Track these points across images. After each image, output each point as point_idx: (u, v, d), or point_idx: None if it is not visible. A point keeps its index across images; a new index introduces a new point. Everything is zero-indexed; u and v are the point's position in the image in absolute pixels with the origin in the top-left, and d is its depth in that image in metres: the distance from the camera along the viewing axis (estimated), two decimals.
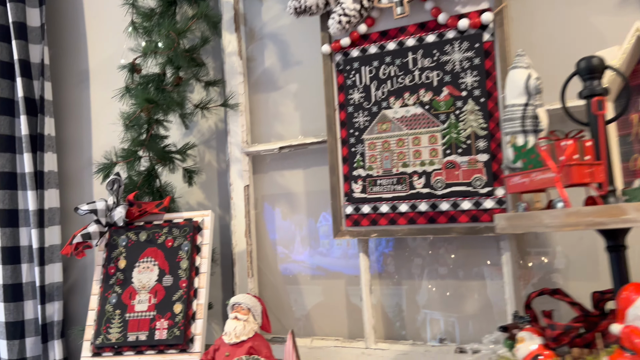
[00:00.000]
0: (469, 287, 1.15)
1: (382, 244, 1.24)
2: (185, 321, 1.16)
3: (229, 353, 1.03)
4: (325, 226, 1.32)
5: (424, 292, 1.20)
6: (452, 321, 1.16)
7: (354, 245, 1.28)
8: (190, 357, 1.14)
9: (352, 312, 1.28)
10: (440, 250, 1.18)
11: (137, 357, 1.15)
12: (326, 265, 1.32)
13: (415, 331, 1.20)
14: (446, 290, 1.17)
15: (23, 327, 1.60)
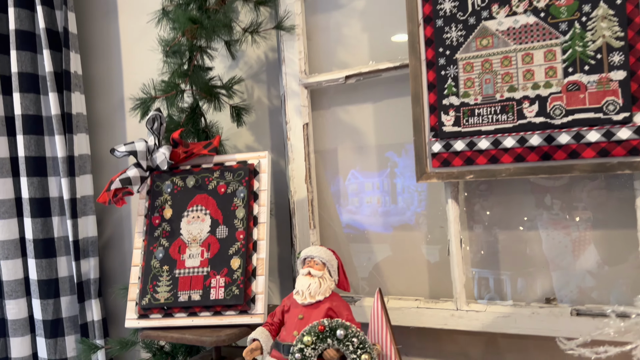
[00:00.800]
0: (588, 238, 0.96)
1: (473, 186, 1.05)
2: (245, 278, 0.99)
3: (302, 315, 0.86)
4: (401, 169, 1.13)
5: (526, 245, 1.01)
6: (563, 279, 0.97)
7: (434, 192, 1.09)
8: (251, 319, 0.98)
9: (432, 270, 1.10)
10: (550, 192, 0.99)
11: (190, 319, 1.00)
12: (398, 216, 1.14)
13: (514, 291, 1.02)
14: (554, 242, 0.98)
15: (57, 286, 1.47)
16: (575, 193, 0.97)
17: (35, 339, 1.51)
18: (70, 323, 1.47)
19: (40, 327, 1.46)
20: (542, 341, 0.99)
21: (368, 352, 0.76)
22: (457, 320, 0.99)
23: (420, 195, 1.12)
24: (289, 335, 0.86)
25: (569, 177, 0.96)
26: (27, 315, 1.51)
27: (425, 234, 1.10)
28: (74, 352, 1.47)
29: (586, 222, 0.96)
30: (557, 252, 0.98)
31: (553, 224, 0.98)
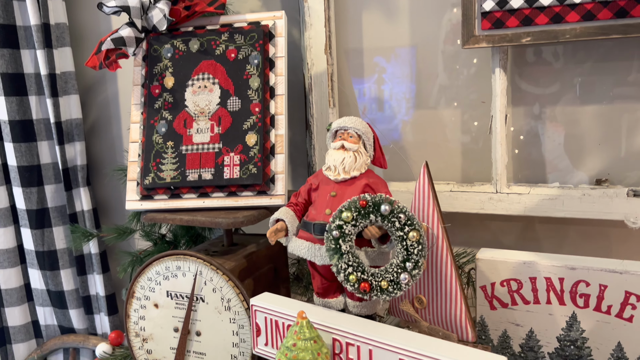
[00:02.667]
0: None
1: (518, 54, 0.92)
2: (263, 156, 0.87)
3: (335, 192, 0.75)
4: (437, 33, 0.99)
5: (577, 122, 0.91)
6: (617, 160, 0.88)
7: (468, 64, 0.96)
8: (271, 200, 0.87)
9: (466, 152, 1.00)
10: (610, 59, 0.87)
11: (201, 201, 0.89)
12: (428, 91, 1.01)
13: (561, 174, 0.93)
14: (611, 117, 0.88)
15: (40, 172, 1.33)
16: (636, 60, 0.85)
17: (19, 230, 1.40)
18: (58, 213, 1.36)
19: (24, 217, 1.35)
20: (584, 227, 0.92)
21: (417, 229, 0.67)
22: (496, 204, 0.91)
23: (458, 71, 0.99)
24: (320, 214, 0.76)
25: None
26: (9, 205, 1.39)
27: (461, 113, 0.99)
28: (63, 243, 1.37)
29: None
30: (613, 129, 0.88)
31: (610, 96, 0.87)
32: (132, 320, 0.92)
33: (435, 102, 1.01)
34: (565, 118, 0.91)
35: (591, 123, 0.89)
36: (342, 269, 0.69)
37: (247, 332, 0.83)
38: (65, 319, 1.42)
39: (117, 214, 1.41)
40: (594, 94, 0.88)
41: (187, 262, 0.86)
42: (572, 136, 0.91)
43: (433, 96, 1.01)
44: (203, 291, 0.86)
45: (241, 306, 0.83)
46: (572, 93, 0.90)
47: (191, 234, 1.12)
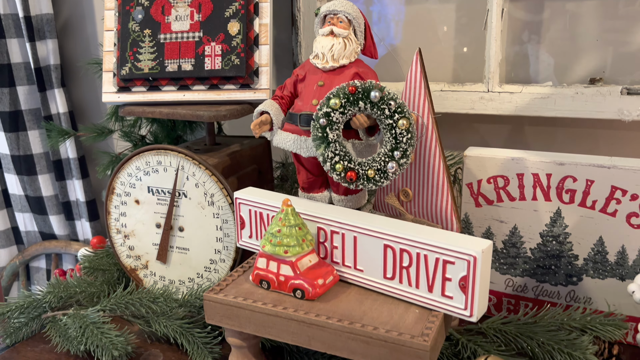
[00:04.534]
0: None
1: None
2: (246, 46, 0.83)
3: (323, 82, 0.72)
4: None
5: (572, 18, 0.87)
6: (612, 58, 0.86)
7: None
8: (255, 94, 0.84)
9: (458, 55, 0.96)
10: None
11: (181, 94, 0.85)
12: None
13: (554, 73, 0.90)
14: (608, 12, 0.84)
15: (11, 72, 1.27)
16: None
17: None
18: (32, 116, 1.31)
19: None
20: (573, 128, 0.91)
21: (406, 117, 0.64)
22: (487, 103, 0.89)
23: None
24: (307, 104, 0.73)
25: None
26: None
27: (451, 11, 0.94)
28: (39, 147, 1.33)
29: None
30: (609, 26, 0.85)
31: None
32: (112, 217, 0.91)
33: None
34: (559, 14, 0.87)
35: (587, 20, 0.86)
36: (329, 158, 0.67)
37: (230, 226, 0.82)
38: (46, 225, 1.40)
39: (95, 118, 1.36)
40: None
41: (168, 156, 0.84)
42: (568, 34, 0.88)
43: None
44: (185, 186, 0.84)
45: (225, 201, 0.82)
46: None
47: (172, 136, 1.09)
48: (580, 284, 0.77)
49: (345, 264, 0.67)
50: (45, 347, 0.80)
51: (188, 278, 0.87)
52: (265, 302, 0.63)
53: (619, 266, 0.74)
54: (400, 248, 0.61)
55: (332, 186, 0.78)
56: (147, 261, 0.90)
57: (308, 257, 0.66)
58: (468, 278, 0.56)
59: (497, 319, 0.69)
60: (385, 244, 0.62)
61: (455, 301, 0.58)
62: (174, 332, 0.75)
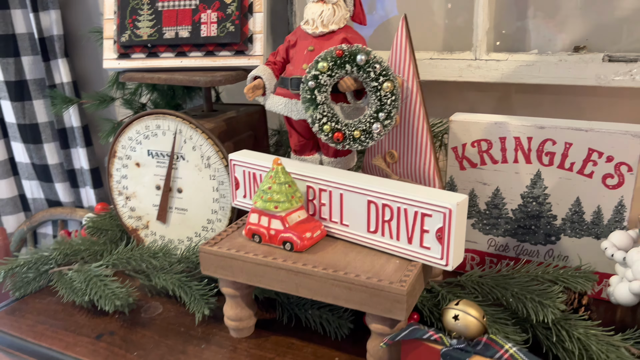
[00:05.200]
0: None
1: None
2: (241, 14, 0.86)
3: (313, 47, 0.75)
4: None
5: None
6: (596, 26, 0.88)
7: None
8: (249, 61, 0.87)
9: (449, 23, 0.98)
10: None
11: (179, 60, 0.88)
12: None
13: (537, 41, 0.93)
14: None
15: (16, 42, 1.30)
16: None
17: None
18: (37, 86, 1.34)
19: (2, 88, 1.33)
20: (558, 95, 0.94)
21: (391, 80, 0.68)
22: (474, 71, 0.92)
23: None
24: (297, 69, 0.76)
25: None
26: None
27: None
28: (45, 117, 1.37)
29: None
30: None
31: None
32: (114, 179, 0.95)
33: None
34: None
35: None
36: (317, 119, 0.70)
37: (226, 188, 0.86)
38: (52, 193, 1.45)
39: (97, 87, 1.39)
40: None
41: (166, 120, 0.87)
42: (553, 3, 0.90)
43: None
44: (183, 149, 0.88)
45: (220, 163, 0.86)
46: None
47: (172, 104, 1.13)
48: (559, 243, 0.81)
49: (333, 220, 0.71)
50: (52, 299, 0.85)
51: (187, 237, 0.92)
52: (256, 254, 0.68)
53: (595, 225, 0.77)
54: (382, 203, 0.65)
55: (322, 149, 0.81)
56: (148, 221, 0.94)
57: (297, 212, 0.70)
58: (444, 229, 0.60)
59: (474, 272, 0.73)
60: (369, 200, 0.66)
61: (433, 251, 0.62)
62: (173, 285, 0.80)
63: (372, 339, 0.65)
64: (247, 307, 0.73)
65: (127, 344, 0.74)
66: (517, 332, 0.65)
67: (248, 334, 0.75)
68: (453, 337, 0.56)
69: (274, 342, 0.73)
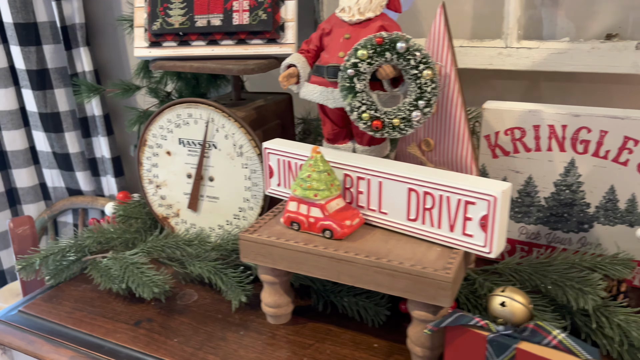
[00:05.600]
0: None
1: None
2: (273, 2, 0.86)
3: (349, 35, 0.75)
4: None
5: None
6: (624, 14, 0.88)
7: None
8: (280, 49, 0.87)
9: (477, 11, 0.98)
10: None
11: (210, 48, 0.88)
12: None
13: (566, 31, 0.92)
14: None
15: (37, 31, 1.30)
16: None
17: (20, 92, 1.39)
18: (58, 75, 1.35)
19: (24, 77, 1.33)
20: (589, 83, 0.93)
21: (431, 67, 0.68)
22: (505, 59, 0.91)
23: None
24: (333, 56, 0.76)
25: None
26: (8, 66, 1.37)
27: None
28: (66, 105, 1.38)
29: None
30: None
31: None
32: (144, 168, 0.95)
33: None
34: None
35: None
36: (356, 107, 0.71)
37: (258, 176, 0.87)
38: (73, 181, 1.46)
39: (118, 76, 1.39)
40: None
41: (198, 109, 0.87)
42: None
43: None
44: (215, 138, 0.88)
45: (253, 152, 0.86)
46: None
47: (197, 92, 1.13)
48: (591, 231, 0.81)
49: (370, 208, 0.71)
50: (87, 287, 0.86)
51: (218, 225, 0.92)
52: (297, 241, 0.68)
53: (629, 213, 0.78)
54: (424, 191, 0.65)
55: (356, 137, 0.82)
56: (179, 209, 0.95)
57: (336, 201, 0.70)
58: (488, 217, 0.61)
59: (511, 259, 0.73)
60: (410, 188, 0.67)
61: (476, 239, 0.63)
62: (209, 273, 0.80)
63: (413, 326, 0.65)
64: (285, 294, 0.74)
65: (166, 330, 0.75)
66: (556, 319, 0.66)
67: (285, 320, 0.76)
68: (499, 323, 0.57)
69: (311, 329, 0.74)
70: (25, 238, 1.09)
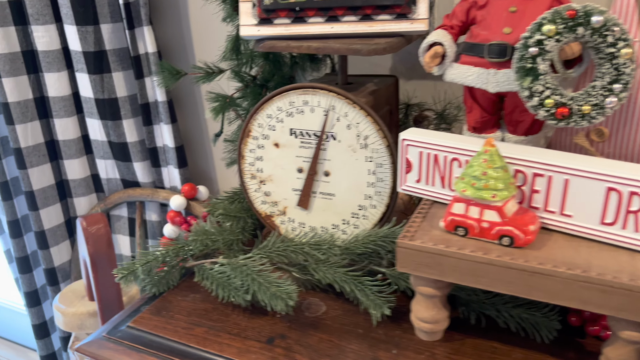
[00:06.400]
0: None
1: None
2: None
3: (515, 8, 0.64)
4: None
5: None
6: None
7: None
8: (412, 25, 0.76)
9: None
10: None
11: (329, 25, 0.77)
12: None
13: None
14: None
15: (95, 9, 1.18)
16: None
17: (74, 77, 1.28)
18: (116, 57, 1.23)
19: (80, 60, 1.22)
20: None
21: (630, 45, 0.57)
22: None
23: None
24: (496, 33, 0.65)
25: None
26: (61, 47, 1.26)
27: None
28: (124, 91, 1.27)
29: None
30: None
31: None
32: (247, 162, 0.85)
33: None
34: None
35: None
36: (538, 92, 0.60)
37: (385, 170, 0.77)
38: (129, 172, 1.36)
39: (181, 59, 1.28)
40: None
41: (317, 96, 0.77)
42: None
43: None
44: (335, 128, 0.78)
45: (380, 143, 0.76)
46: None
47: (282, 74, 1.02)
48: None
49: (549, 209, 0.62)
50: (196, 297, 0.77)
51: (332, 224, 0.83)
52: (473, 250, 0.59)
53: None
54: (629, 191, 0.56)
55: (508, 125, 0.72)
56: (285, 207, 0.85)
57: (511, 202, 0.61)
58: None
59: None
60: (609, 187, 0.57)
61: None
62: (342, 282, 0.71)
63: (616, 347, 0.56)
64: (443, 309, 0.65)
65: (306, 349, 0.66)
66: None
67: (440, 337, 0.67)
68: None
69: (472, 346, 0.65)
70: (100, 237, 0.99)
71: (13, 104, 1.27)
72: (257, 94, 1.00)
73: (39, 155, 1.34)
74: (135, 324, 0.72)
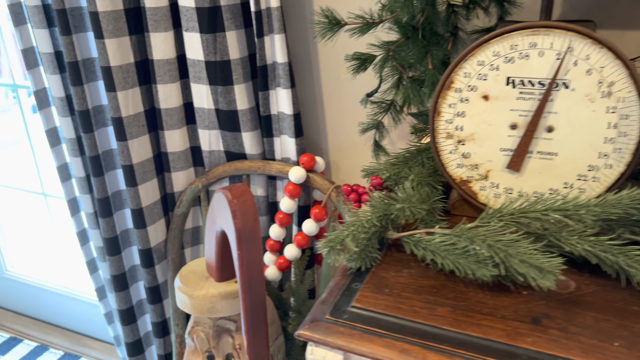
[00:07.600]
0: None
1: None
2: None
3: None
4: None
5: None
6: None
7: None
8: None
9: None
10: None
11: None
12: None
13: None
14: None
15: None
16: None
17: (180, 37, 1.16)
18: (231, 14, 1.11)
19: (191, 17, 1.11)
20: None
21: None
22: None
23: None
24: None
25: None
26: (169, 4, 1.14)
27: None
28: (237, 52, 1.15)
29: None
30: None
31: None
32: (443, 119, 0.74)
33: None
34: None
35: None
36: None
37: (631, 123, 0.66)
38: (236, 144, 1.24)
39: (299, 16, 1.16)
40: None
41: (549, 37, 0.66)
42: None
43: None
44: (568, 75, 0.67)
45: (630, 90, 0.65)
46: None
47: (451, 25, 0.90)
48: None
49: None
50: (412, 272, 0.66)
51: (549, 189, 0.72)
52: None
53: None
54: None
55: None
56: (488, 170, 0.74)
57: None
58: None
59: None
60: None
61: None
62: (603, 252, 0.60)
63: None
64: None
65: (587, 330, 0.55)
66: None
67: None
68: None
69: None
70: (248, 210, 0.89)
71: (115, 67, 1.15)
72: (421, 46, 0.88)
73: (139, 125, 1.23)
74: (359, 303, 0.61)
